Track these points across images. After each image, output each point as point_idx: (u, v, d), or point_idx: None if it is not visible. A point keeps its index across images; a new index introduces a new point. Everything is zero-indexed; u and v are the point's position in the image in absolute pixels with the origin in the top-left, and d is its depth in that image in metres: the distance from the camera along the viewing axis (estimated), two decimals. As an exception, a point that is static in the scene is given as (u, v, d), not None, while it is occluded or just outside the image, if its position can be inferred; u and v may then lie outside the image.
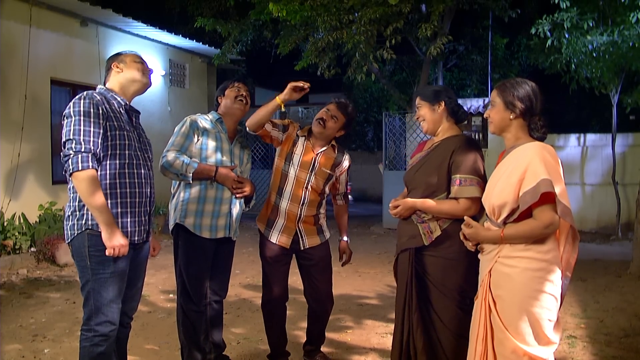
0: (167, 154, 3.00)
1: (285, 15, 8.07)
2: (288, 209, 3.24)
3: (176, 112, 10.12)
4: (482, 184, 2.61)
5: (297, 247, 3.29)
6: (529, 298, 2.22)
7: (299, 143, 3.29)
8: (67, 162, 2.38)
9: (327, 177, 3.30)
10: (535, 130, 2.33)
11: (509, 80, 2.38)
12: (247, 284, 5.77)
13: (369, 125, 16.00)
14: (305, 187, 3.24)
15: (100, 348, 2.46)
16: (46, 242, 6.54)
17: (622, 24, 7.56)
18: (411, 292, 2.71)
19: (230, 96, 3.20)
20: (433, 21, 8.39)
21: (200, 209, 3.05)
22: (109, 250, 2.40)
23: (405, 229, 2.78)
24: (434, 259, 2.69)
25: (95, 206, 2.38)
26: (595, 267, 6.59)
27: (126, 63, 2.64)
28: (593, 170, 9.48)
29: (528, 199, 2.17)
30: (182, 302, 3.12)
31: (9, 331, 4.17)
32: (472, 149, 2.69)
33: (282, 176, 3.27)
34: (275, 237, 3.28)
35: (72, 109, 2.43)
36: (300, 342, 3.67)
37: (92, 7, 7.85)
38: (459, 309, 2.65)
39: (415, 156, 2.90)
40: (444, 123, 2.79)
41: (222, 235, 3.13)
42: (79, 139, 2.38)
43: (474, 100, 10.29)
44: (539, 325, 2.22)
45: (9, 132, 7.02)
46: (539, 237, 2.22)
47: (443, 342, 2.66)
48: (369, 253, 7.66)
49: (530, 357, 2.21)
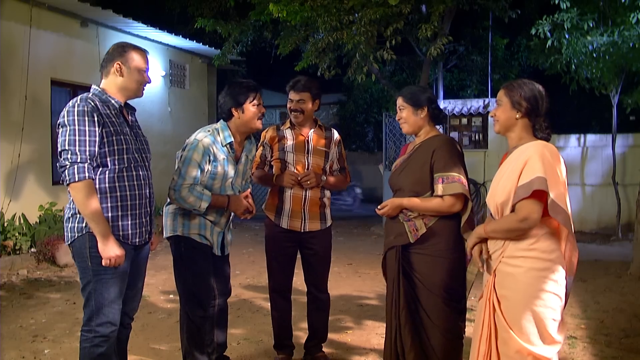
0: (181, 189, 2.87)
1: (285, 15, 8.07)
2: (293, 192, 3.34)
3: (176, 112, 10.10)
4: (463, 180, 2.69)
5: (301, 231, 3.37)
6: (533, 298, 2.23)
7: (286, 135, 3.42)
8: (63, 172, 2.38)
9: (324, 155, 3.42)
10: (540, 130, 2.37)
11: (516, 81, 2.41)
12: (247, 285, 5.77)
13: (369, 126, 15.98)
14: (307, 169, 3.35)
15: (100, 349, 2.46)
16: (46, 242, 6.54)
17: (622, 25, 7.56)
18: (398, 290, 2.75)
19: (252, 113, 3.00)
20: (433, 22, 8.39)
21: (203, 223, 3.03)
22: (105, 261, 2.40)
23: (392, 227, 2.84)
24: (420, 257, 2.74)
25: (91, 217, 2.38)
26: (595, 268, 6.59)
27: (130, 70, 2.56)
28: (593, 170, 9.48)
29: (520, 193, 2.21)
30: (188, 309, 3.05)
31: (9, 332, 4.17)
32: (451, 148, 2.78)
33: (282, 163, 3.39)
34: (285, 222, 3.37)
35: (67, 117, 2.40)
36: (301, 342, 3.67)
37: (92, 8, 7.85)
38: (447, 306, 2.70)
39: (399, 159, 2.97)
40: (425, 126, 2.87)
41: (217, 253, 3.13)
42: (74, 150, 2.36)
43: (474, 101, 10.28)
44: (544, 324, 2.23)
45: (9, 132, 7.02)
46: (515, 231, 2.25)
47: (431, 339, 2.70)
48: (369, 253, 7.66)
49: (534, 356, 2.21)
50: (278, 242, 3.42)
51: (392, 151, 10.52)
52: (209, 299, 3.08)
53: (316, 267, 3.49)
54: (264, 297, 5.18)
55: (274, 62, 11.45)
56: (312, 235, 3.41)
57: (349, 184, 3.62)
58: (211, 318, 3.13)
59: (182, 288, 3.09)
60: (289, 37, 9.53)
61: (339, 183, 3.54)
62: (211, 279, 3.10)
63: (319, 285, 3.52)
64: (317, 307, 3.54)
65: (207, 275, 3.07)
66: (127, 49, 2.59)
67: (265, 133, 3.50)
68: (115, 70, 2.56)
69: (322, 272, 3.52)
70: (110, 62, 2.57)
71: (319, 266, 3.50)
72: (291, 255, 3.46)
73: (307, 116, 3.40)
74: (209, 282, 3.08)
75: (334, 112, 16.37)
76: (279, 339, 3.53)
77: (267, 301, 4.99)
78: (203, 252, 3.04)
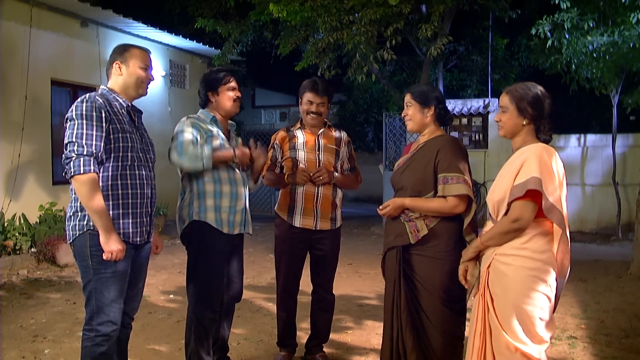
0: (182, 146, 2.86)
1: (285, 16, 8.07)
2: (305, 190, 3.35)
3: (176, 112, 10.09)
4: (468, 181, 2.67)
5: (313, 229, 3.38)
6: (521, 296, 2.25)
7: (296, 135, 3.45)
8: (68, 164, 2.38)
9: (335, 153, 3.46)
10: (543, 133, 2.39)
11: (520, 86, 2.41)
12: (248, 285, 5.76)
13: (369, 126, 15.99)
14: (318, 166, 3.37)
15: (102, 348, 2.46)
16: (46, 242, 6.54)
17: (622, 25, 7.57)
18: (399, 291, 2.73)
19: (227, 95, 3.07)
20: (433, 22, 8.40)
21: (218, 204, 2.99)
22: (106, 254, 2.41)
23: (393, 228, 2.81)
24: (420, 258, 2.72)
25: (94, 210, 2.39)
26: (595, 268, 6.59)
27: (128, 67, 2.60)
28: (593, 170, 9.48)
29: (515, 192, 2.24)
30: (197, 310, 3.00)
31: (9, 332, 4.17)
32: (456, 148, 2.74)
33: (293, 162, 3.40)
34: (298, 221, 3.37)
35: (75, 112, 2.43)
36: (302, 341, 3.67)
37: (92, 8, 7.85)
38: (446, 308, 2.68)
39: (402, 158, 2.95)
40: (430, 126, 2.84)
41: (238, 231, 3.08)
42: (80, 142, 2.38)
43: (474, 101, 10.29)
44: (531, 323, 2.26)
45: (9, 132, 7.02)
46: (508, 232, 2.27)
47: (431, 340, 2.68)
48: (369, 253, 7.66)
49: (522, 353, 2.24)
50: (289, 243, 3.41)
51: (392, 151, 10.53)
52: (220, 300, 3.07)
53: (324, 268, 3.49)
54: (264, 297, 5.18)
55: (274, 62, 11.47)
56: (322, 236, 3.41)
57: (360, 183, 3.62)
58: (219, 320, 3.12)
59: (193, 289, 3.04)
60: (289, 37, 9.53)
61: (350, 182, 3.54)
62: (224, 282, 3.07)
63: (326, 285, 3.52)
64: (321, 308, 3.53)
65: (221, 276, 3.04)
66: (127, 48, 2.64)
67: (276, 135, 3.52)
68: (115, 70, 2.61)
69: (330, 272, 3.52)
70: (111, 62, 2.63)
71: (327, 267, 3.50)
72: (302, 256, 3.47)
73: (323, 119, 3.46)
74: (222, 285, 3.06)
75: (334, 112, 16.38)
76: (282, 338, 3.54)
77: (267, 301, 5.01)
78: (223, 242, 2.99)
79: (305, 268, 3.52)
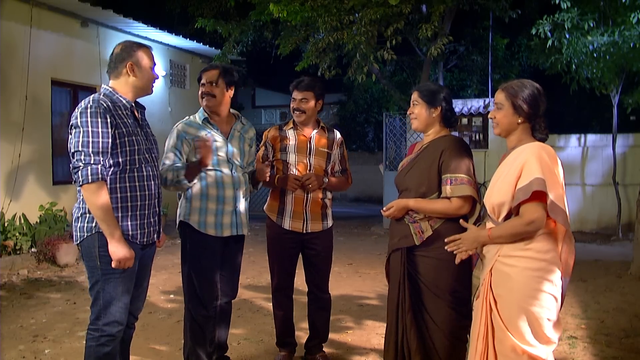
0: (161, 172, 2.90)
1: (285, 15, 8.07)
2: (295, 194, 3.33)
3: (176, 112, 10.09)
4: (472, 182, 2.66)
5: (303, 232, 3.37)
6: (528, 297, 2.23)
7: (288, 135, 3.42)
8: (76, 174, 2.38)
9: (326, 157, 3.42)
10: (539, 131, 2.36)
11: (515, 83, 2.38)
12: (247, 285, 5.77)
13: (369, 126, 15.99)
14: (309, 170, 3.35)
15: (106, 348, 2.47)
16: (47, 242, 6.54)
17: (622, 25, 7.56)
18: (404, 293, 2.72)
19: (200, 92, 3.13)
20: (433, 22, 8.40)
21: (204, 207, 3.03)
22: (115, 263, 2.41)
23: (397, 229, 2.80)
24: (425, 259, 2.70)
25: (102, 219, 2.39)
26: (595, 268, 6.59)
27: (141, 70, 2.57)
28: (593, 170, 9.47)
29: (520, 196, 2.21)
30: (191, 307, 3.06)
31: (9, 332, 4.18)
32: (461, 149, 2.73)
33: (283, 164, 3.38)
34: (287, 224, 3.36)
35: (80, 119, 2.40)
36: (301, 342, 3.67)
37: (92, 8, 7.85)
38: (452, 310, 2.66)
39: (406, 158, 2.92)
40: (435, 126, 2.82)
41: (228, 233, 3.09)
42: (87, 151, 2.37)
43: (475, 101, 10.28)
44: (539, 324, 2.23)
45: (9, 132, 7.02)
46: (522, 234, 2.24)
47: (436, 342, 2.67)
48: (369, 253, 7.66)
49: (529, 355, 2.22)
50: (280, 243, 3.41)
51: (392, 151, 10.53)
52: (211, 299, 3.08)
53: (318, 268, 3.49)
54: (264, 297, 5.18)
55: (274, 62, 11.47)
56: (314, 236, 3.41)
57: (350, 185, 3.62)
58: (214, 318, 3.13)
59: (185, 288, 3.11)
60: (289, 37, 9.54)
61: (340, 184, 3.54)
62: (216, 278, 3.09)
63: (321, 285, 3.52)
64: (318, 307, 3.54)
65: (212, 274, 3.06)
66: (135, 48, 2.59)
67: (268, 133, 3.50)
68: (127, 70, 2.55)
69: (324, 272, 3.52)
70: (121, 62, 2.55)
71: (321, 266, 3.50)
72: (293, 256, 3.46)
73: (310, 116, 3.40)
74: (213, 281, 3.08)
75: (334, 112, 16.38)
76: (281, 337, 3.54)
77: (267, 301, 5.01)
78: (206, 245, 3.03)
79: (300, 268, 3.52)
